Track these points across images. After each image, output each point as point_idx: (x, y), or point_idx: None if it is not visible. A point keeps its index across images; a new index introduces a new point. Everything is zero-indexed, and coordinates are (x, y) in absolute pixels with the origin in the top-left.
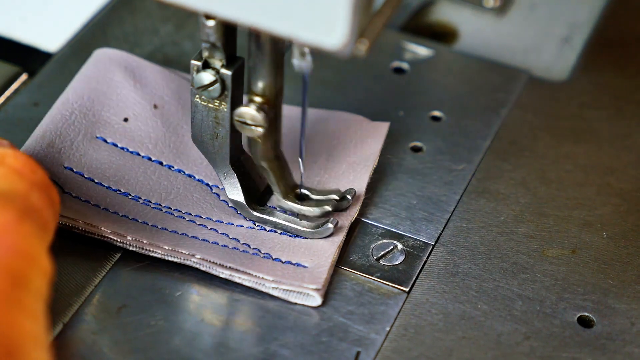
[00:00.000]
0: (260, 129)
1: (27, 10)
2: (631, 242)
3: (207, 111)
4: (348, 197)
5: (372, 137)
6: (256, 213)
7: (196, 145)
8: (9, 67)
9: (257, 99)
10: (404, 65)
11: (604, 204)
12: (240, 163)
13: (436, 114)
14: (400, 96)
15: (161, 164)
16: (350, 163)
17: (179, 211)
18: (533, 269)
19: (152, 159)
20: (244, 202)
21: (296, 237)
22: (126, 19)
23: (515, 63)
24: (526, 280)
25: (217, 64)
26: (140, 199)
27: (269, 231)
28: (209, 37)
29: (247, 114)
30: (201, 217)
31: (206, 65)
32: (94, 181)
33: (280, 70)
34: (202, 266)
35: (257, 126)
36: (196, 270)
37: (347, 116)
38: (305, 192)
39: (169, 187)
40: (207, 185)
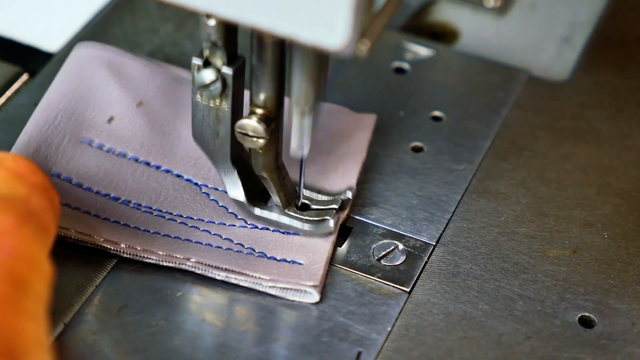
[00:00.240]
0: (261, 141)
1: (27, 10)
2: (632, 242)
3: (208, 110)
4: (349, 196)
5: (360, 130)
6: (257, 211)
7: (197, 144)
8: (9, 67)
9: (259, 111)
10: (405, 65)
11: (604, 204)
12: (241, 161)
13: (437, 114)
14: (400, 96)
15: (149, 164)
16: (339, 156)
17: (170, 214)
18: (534, 269)
19: (139, 160)
20: (245, 201)
21: (289, 234)
22: (126, 19)
23: (515, 63)
24: (527, 281)
25: (218, 63)
26: (130, 202)
27: (261, 229)
28: (210, 36)
29: (249, 125)
30: (192, 219)
31: (207, 64)
32: (82, 186)
33: (282, 82)
34: (198, 269)
35: (258, 138)
36: None
37: (333, 108)
38: (306, 202)
39: (158, 188)
40: (196, 184)
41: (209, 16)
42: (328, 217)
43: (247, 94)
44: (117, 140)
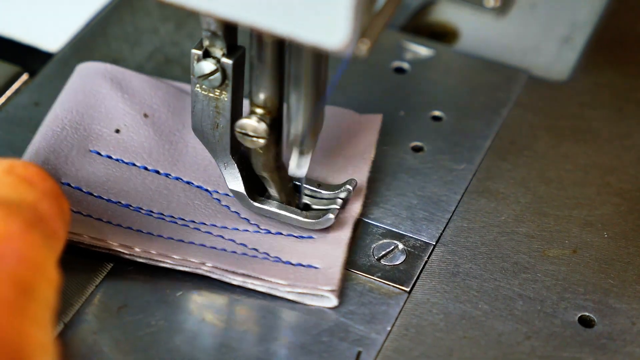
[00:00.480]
0: (261, 141)
1: (27, 10)
2: (632, 241)
3: (208, 101)
4: (349, 187)
5: (367, 129)
6: (256, 203)
7: (196, 136)
8: (9, 67)
9: (259, 111)
10: (405, 65)
11: (604, 203)
12: (240, 153)
13: (437, 113)
14: (400, 96)
15: (158, 172)
16: (347, 157)
17: (182, 219)
18: (534, 268)
19: (148, 169)
20: (244, 193)
21: (302, 237)
22: (126, 18)
23: (515, 63)
24: (527, 280)
25: (218, 53)
26: (142, 209)
27: (274, 234)
28: (209, 25)
29: (249, 125)
30: (205, 224)
31: (207, 55)
32: (93, 195)
33: (282, 82)
34: (214, 274)
35: (258, 137)
36: None
37: (338, 110)
38: (307, 201)
39: (169, 195)
40: (207, 191)
41: None
42: (329, 213)
43: (246, 103)
44: (125, 151)
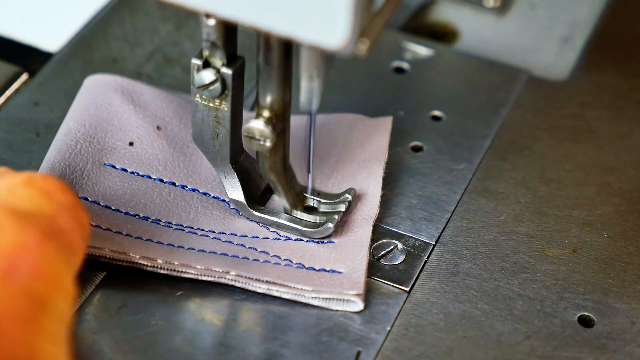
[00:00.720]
0: (268, 143)
1: (27, 10)
2: (631, 241)
3: (208, 110)
4: (348, 196)
5: (378, 133)
6: (257, 213)
7: (197, 145)
8: (9, 67)
9: (266, 113)
10: (404, 65)
11: (604, 203)
12: (240, 163)
13: (436, 113)
14: (400, 96)
15: (174, 184)
16: (361, 161)
17: (202, 230)
18: (533, 268)
19: (164, 181)
20: (244, 202)
21: (323, 242)
22: (126, 18)
23: (515, 63)
24: (527, 280)
25: (218, 63)
26: (160, 221)
27: (295, 240)
28: (209, 36)
29: (256, 128)
30: (225, 234)
31: (207, 64)
32: (111, 208)
33: (288, 84)
34: (238, 282)
35: (265, 140)
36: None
37: (349, 117)
38: (314, 204)
39: (186, 207)
40: (224, 201)
41: (208, 16)
42: (329, 222)
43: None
44: (140, 164)
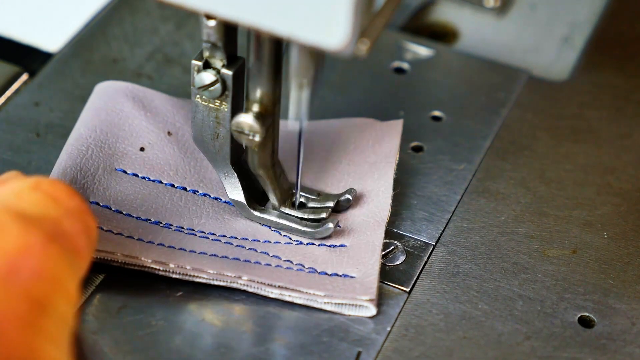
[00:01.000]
0: (257, 138)
1: (27, 10)
2: (631, 242)
3: (208, 111)
4: (348, 196)
5: (389, 135)
6: (256, 213)
7: (197, 146)
8: (9, 67)
9: (255, 108)
10: (405, 65)
11: (604, 204)
12: (240, 163)
13: (436, 113)
14: (400, 96)
15: (185, 189)
16: (372, 163)
17: (213, 234)
18: (534, 269)
19: (175, 186)
20: (244, 202)
21: (335, 247)
22: (126, 18)
23: (515, 63)
24: (527, 281)
25: (218, 64)
26: (172, 226)
27: (306, 245)
28: (209, 37)
29: (245, 123)
30: (237, 238)
31: (207, 65)
32: (122, 213)
33: (278, 79)
34: (251, 287)
35: (254, 135)
36: None
37: (359, 121)
38: (302, 200)
39: (198, 211)
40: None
41: (208, 17)
42: (326, 219)
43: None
44: (151, 169)
